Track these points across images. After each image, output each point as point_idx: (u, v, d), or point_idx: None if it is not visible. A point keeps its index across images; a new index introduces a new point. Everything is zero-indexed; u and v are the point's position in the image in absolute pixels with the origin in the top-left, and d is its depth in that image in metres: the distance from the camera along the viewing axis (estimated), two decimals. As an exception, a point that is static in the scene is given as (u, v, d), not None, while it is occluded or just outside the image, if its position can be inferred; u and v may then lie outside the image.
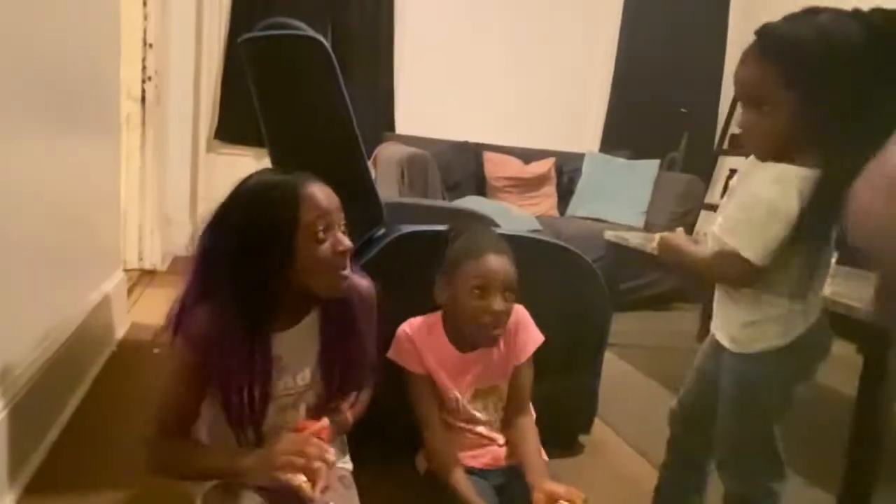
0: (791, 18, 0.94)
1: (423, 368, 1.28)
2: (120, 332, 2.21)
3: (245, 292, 0.95)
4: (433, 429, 1.27)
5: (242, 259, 0.95)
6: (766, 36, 0.95)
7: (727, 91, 4.39)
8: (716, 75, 4.39)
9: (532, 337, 1.33)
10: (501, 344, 1.31)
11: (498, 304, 1.21)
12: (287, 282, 0.98)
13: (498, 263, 1.22)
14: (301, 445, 0.89)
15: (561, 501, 1.07)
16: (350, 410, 1.11)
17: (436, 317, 1.32)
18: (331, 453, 0.89)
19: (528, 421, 1.32)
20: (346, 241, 0.99)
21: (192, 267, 0.99)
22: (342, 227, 1.01)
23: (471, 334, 1.27)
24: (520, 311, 1.32)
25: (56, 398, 1.54)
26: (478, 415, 1.31)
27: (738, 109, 1.04)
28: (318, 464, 0.86)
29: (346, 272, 1.01)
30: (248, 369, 0.96)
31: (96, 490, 1.30)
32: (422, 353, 1.28)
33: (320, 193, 0.98)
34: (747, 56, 0.97)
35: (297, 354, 1.05)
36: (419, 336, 1.29)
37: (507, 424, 1.33)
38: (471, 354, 1.30)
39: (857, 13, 0.90)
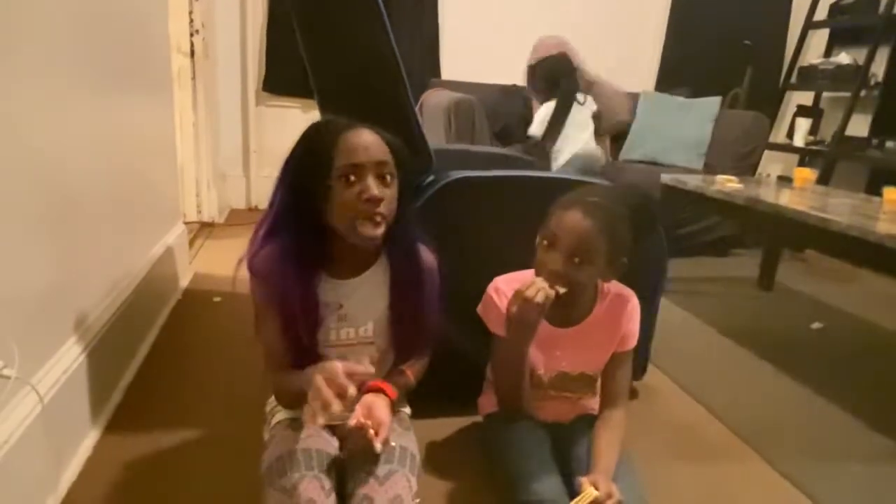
0: None
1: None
2: (184, 282, 2.31)
3: (298, 229, 0.99)
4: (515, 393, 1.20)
5: (292, 195, 1.00)
6: None
7: (795, 20, 4.07)
8: (783, 2, 4.06)
9: (636, 332, 1.23)
10: (602, 329, 1.21)
11: (555, 262, 1.10)
12: (334, 226, 1.00)
13: (573, 222, 1.09)
14: (329, 374, 0.83)
15: (589, 487, 1.00)
16: (411, 370, 1.11)
17: (530, 274, 1.16)
18: (350, 390, 0.82)
19: (616, 414, 1.20)
20: (374, 191, 0.95)
21: (267, 206, 1.04)
22: (384, 179, 0.98)
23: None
24: (632, 301, 1.23)
25: (128, 343, 1.63)
26: (552, 392, 1.25)
27: (808, 40, 0.92)
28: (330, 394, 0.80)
29: (373, 229, 0.97)
30: (301, 304, 0.99)
31: (170, 429, 1.38)
32: None
33: (360, 141, 0.97)
34: None
35: (360, 305, 1.06)
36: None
37: (598, 415, 1.24)
38: (563, 330, 1.21)
39: None
